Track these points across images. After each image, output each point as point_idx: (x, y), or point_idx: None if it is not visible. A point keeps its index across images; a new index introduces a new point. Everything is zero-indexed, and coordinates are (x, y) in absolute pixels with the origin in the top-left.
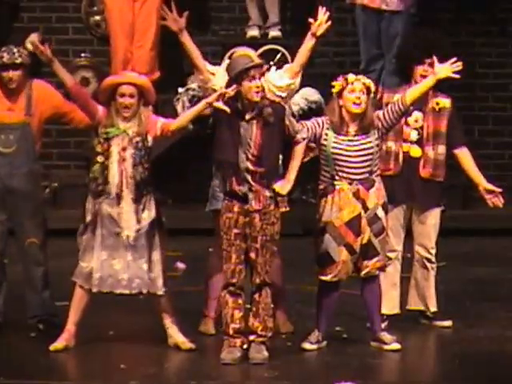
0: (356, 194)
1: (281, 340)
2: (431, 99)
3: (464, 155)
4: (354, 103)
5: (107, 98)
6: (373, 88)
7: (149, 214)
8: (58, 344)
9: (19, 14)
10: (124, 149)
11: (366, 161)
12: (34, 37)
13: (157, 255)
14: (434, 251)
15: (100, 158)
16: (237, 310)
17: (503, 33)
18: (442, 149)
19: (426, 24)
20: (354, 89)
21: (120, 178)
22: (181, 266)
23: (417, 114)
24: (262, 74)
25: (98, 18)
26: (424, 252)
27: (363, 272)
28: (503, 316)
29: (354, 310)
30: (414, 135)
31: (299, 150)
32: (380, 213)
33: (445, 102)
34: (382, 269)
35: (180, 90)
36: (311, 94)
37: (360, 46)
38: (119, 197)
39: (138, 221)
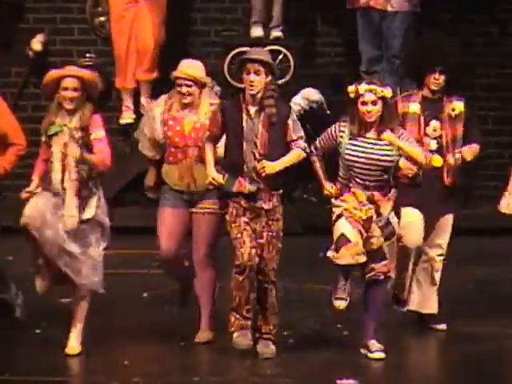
0: (370, 198)
1: (283, 338)
2: (446, 105)
3: None
4: (365, 115)
5: (51, 91)
6: (388, 95)
7: (89, 212)
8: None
9: (24, 15)
10: (65, 144)
11: (382, 170)
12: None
13: (95, 253)
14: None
15: (50, 165)
16: (252, 293)
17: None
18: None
19: (426, 24)
20: (366, 101)
21: (62, 175)
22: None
23: (435, 123)
24: (266, 72)
25: (102, 18)
26: (436, 252)
27: (368, 275)
28: (503, 315)
29: (354, 308)
30: (433, 145)
31: (294, 154)
32: (392, 218)
33: (460, 106)
34: (388, 276)
35: None
36: (312, 94)
37: (360, 47)
38: (63, 193)
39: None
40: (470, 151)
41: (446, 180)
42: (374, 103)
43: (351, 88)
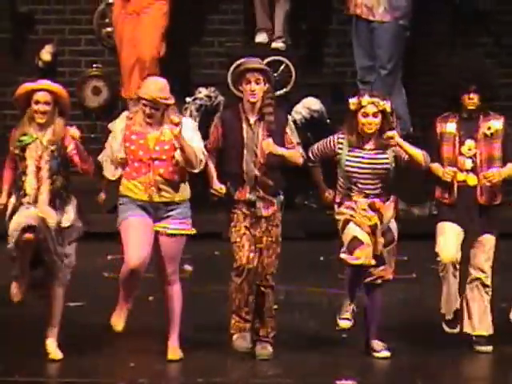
0: (372, 206)
1: (284, 339)
2: (482, 124)
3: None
4: (366, 126)
5: (23, 104)
6: (388, 109)
7: (67, 218)
8: None
9: (33, 26)
10: (40, 157)
11: (380, 178)
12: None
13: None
14: (489, 275)
15: (23, 178)
16: (251, 295)
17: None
18: None
19: (421, 35)
20: (367, 112)
21: (37, 187)
22: (188, 267)
23: (470, 143)
24: (264, 80)
25: (109, 29)
26: (479, 274)
27: (368, 279)
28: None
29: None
30: (468, 164)
31: (296, 153)
32: (392, 224)
33: (495, 125)
34: (386, 280)
35: (188, 99)
36: (313, 104)
37: (354, 56)
38: (35, 205)
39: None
40: (497, 173)
41: (479, 199)
42: (374, 115)
43: (353, 100)
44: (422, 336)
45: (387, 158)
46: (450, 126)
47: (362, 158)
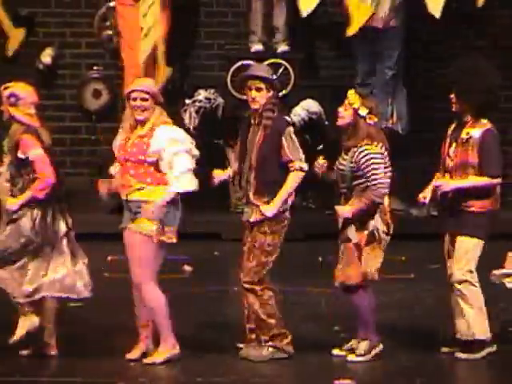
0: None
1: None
2: (465, 129)
3: None
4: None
5: None
6: (362, 109)
7: (23, 224)
8: None
9: (34, 29)
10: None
11: (342, 178)
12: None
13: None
14: (467, 275)
15: None
16: (246, 309)
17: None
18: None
19: (418, 38)
20: (343, 104)
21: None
22: (188, 268)
23: (454, 146)
24: (267, 87)
25: (110, 32)
26: (457, 275)
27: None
28: (507, 316)
29: (352, 310)
30: (450, 165)
31: (293, 177)
32: (349, 230)
33: (474, 133)
34: (346, 284)
35: (187, 101)
36: (312, 106)
37: (356, 60)
38: None
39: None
40: (445, 184)
41: (450, 201)
42: (344, 107)
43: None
44: (420, 336)
45: (351, 162)
46: (450, 128)
47: (340, 156)
